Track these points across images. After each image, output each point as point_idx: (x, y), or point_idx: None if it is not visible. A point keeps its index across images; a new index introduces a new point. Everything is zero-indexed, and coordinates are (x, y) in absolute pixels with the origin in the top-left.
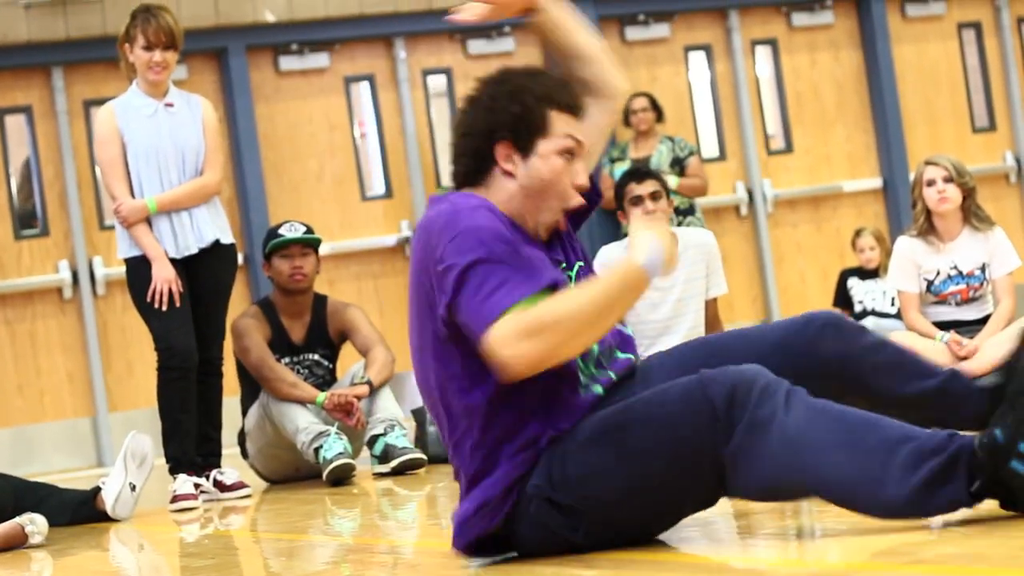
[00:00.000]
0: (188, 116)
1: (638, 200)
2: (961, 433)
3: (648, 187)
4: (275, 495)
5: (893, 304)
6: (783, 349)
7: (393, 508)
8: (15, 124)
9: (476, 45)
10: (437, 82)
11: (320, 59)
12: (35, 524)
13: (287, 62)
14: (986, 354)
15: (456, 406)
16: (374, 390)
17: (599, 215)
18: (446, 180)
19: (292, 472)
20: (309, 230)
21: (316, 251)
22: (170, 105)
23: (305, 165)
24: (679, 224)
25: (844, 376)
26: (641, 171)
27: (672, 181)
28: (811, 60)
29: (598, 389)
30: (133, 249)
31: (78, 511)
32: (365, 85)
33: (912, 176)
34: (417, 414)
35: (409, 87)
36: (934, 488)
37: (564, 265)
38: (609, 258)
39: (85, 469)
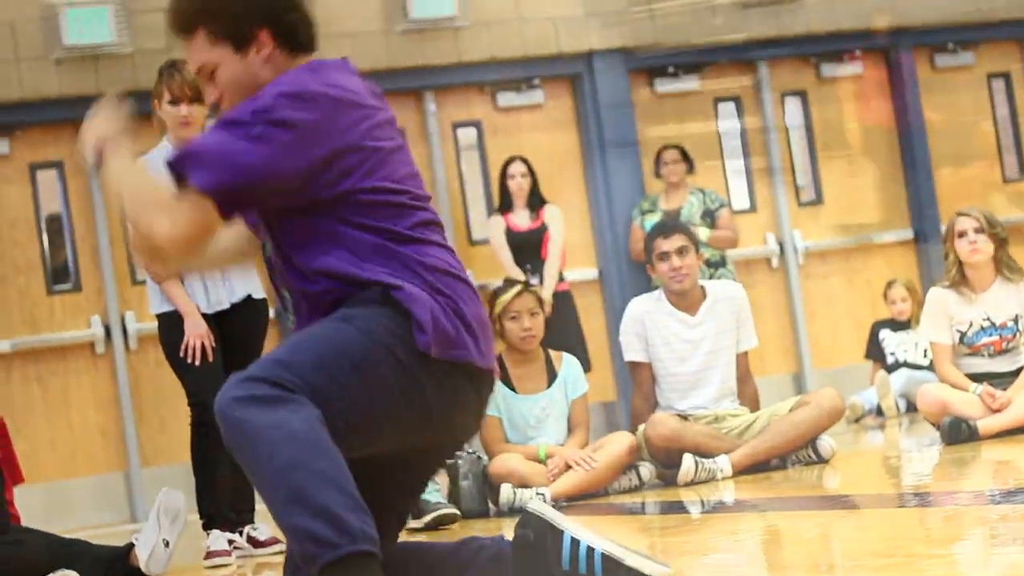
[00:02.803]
0: None
1: (665, 256)
2: None
3: (675, 242)
4: None
5: (926, 356)
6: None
7: None
8: (47, 179)
9: (505, 98)
10: (467, 135)
11: None
12: None
13: None
14: (1019, 406)
15: None
16: None
17: (630, 266)
18: (477, 233)
19: None
20: None
21: None
22: None
23: None
24: (710, 277)
25: None
26: (668, 226)
27: (703, 233)
28: (840, 111)
29: None
30: (165, 304)
31: (112, 567)
32: None
33: (943, 227)
34: (450, 469)
35: (439, 140)
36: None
37: None
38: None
39: (118, 525)
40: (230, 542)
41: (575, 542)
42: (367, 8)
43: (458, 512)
